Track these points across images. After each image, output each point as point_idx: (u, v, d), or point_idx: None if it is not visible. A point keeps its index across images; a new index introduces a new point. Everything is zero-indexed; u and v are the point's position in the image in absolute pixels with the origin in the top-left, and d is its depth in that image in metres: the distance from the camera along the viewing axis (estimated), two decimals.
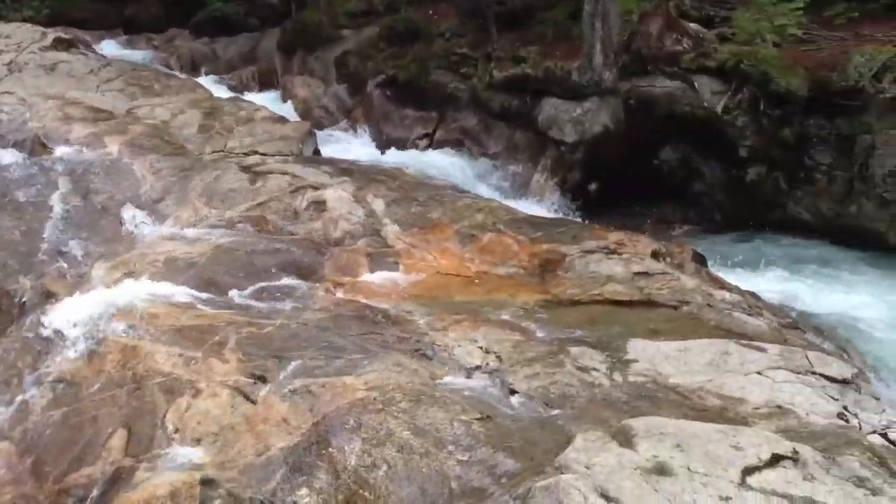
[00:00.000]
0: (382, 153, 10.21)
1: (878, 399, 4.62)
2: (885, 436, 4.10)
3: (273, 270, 5.97)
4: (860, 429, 4.08)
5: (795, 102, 8.36)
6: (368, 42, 11.76)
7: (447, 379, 4.42)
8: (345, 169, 8.48)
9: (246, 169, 8.06)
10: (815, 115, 8.41)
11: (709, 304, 5.73)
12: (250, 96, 11.70)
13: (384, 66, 11.12)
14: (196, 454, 3.77)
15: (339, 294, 5.74)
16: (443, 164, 9.59)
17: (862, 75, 8.01)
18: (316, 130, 10.23)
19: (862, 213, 8.16)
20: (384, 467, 3.54)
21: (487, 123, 9.95)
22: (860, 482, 3.44)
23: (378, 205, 7.46)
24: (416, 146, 10.39)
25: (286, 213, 7.22)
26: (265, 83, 13.30)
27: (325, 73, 12.24)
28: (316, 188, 7.59)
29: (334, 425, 3.78)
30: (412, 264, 6.41)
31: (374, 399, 3.95)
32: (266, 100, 11.70)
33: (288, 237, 6.77)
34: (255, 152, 8.69)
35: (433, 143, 10.37)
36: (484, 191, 8.97)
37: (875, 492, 3.39)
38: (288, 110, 11.66)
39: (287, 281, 5.86)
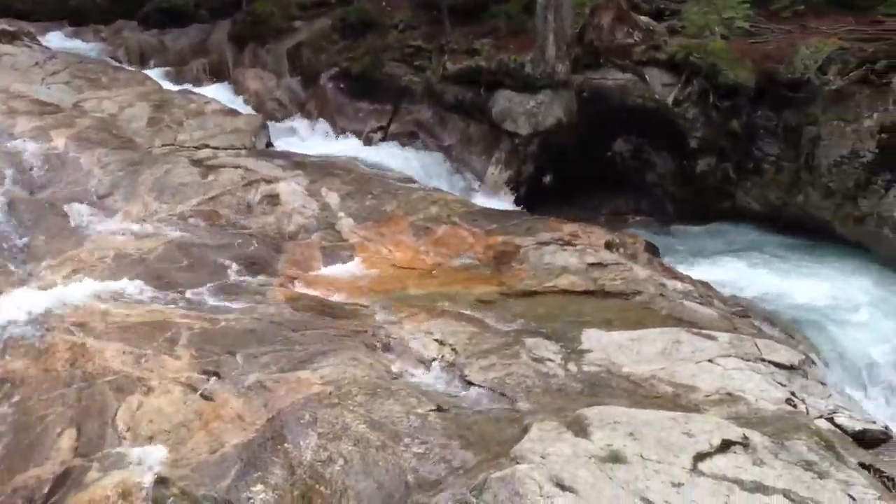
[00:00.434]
0: (336, 146, 10.14)
1: (824, 384, 4.74)
2: (831, 420, 4.21)
3: (226, 265, 5.90)
4: (808, 413, 4.18)
5: (744, 94, 8.49)
6: (321, 34, 11.67)
7: (403, 372, 4.42)
8: (298, 162, 8.42)
9: (197, 163, 7.94)
10: (762, 106, 8.55)
11: (661, 294, 5.81)
12: (201, 89, 11.52)
13: (337, 59, 11.03)
14: (148, 453, 3.71)
15: (294, 288, 5.70)
16: (397, 156, 9.57)
17: (808, 67, 8.16)
18: (269, 123, 10.13)
19: (808, 202, 8.33)
20: (340, 462, 3.52)
21: (442, 116, 9.93)
22: (808, 466, 3.52)
23: (332, 198, 7.41)
24: (370, 139, 10.33)
25: (239, 207, 7.14)
26: (216, 75, 13.10)
27: (278, 66, 12.11)
28: (269, 182, 7.52)
29: (289, 420, 3.75)
30: (367, 258, 6.39)
31: (330, 393, 3.93)
32: (217, 92, 11.55)
33: (241, 232, 6.70)
34: (207, 146, 8.57)
35: (387, 136, 10.33)
36: (438, 183, 8.97)
37: (822, 475, 3.47)
38: (240, 103, 11.52)
39: (240, 276, 5.80)
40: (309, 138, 10.49)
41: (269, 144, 9.53)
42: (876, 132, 7.71)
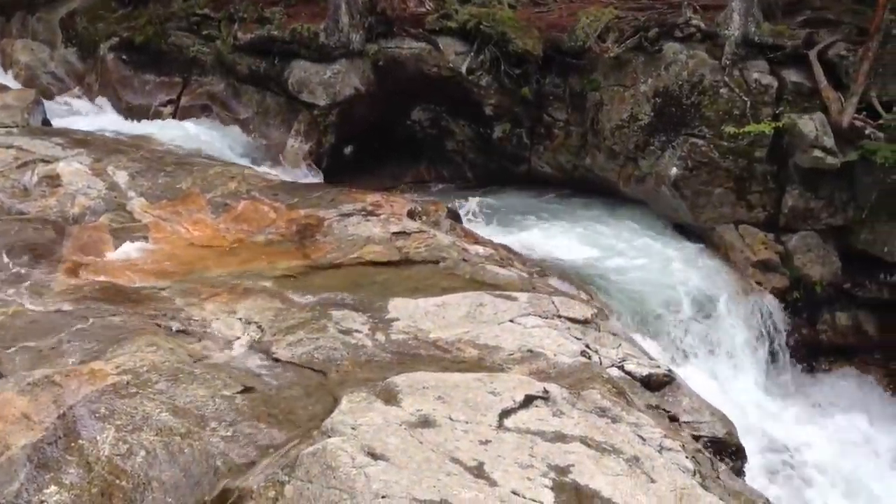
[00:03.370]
0: (124, 122, 9.54)
1: (615, 335, 5.06)
2: (621, 368, 4.52)
3: (1, 254, 5.41)
4: (601, 364, 4.46)
5: (532, 62, 8.81)
6: (97, 1, 10.87)
7: (207, 354, 4.26)
8: (80, 140, 7.85)
9: None
10: (550, 73, 8.91)
11: (464, 259, 5.96)
12: None
13: (117, 28, 10.31)
14: None
15: (82, 275, 5.32)
16: (190, 131, 9.12)
17: (588, 36, 8.60)
18: (44, 99, 9.36)
19: (595, 164, 8.81)
20: (142, 453, 3.36)
21: (236, 88, 9.57)
22: (602, 412, 3.76)
23: (120, 177, 6.99)
24: (159, 113, 9.79)
25: (14, 190, 6.56)
26: None
27: (51, 36, 11.16)
28: (47, 162, 6.96)
29: (83, 415, 3.52)
30: (162, 238, 6.10)
31: (127, 383, 3.74)
32: None
33: (18, 217, 6.17)
34: None
35: (179, 110, 9.82)
36: (236, 158, 8.68)
37: (615, 419, 3.72)
38: (9, 79, 10.54)
39: (19, 265, 5.35)
40: (91, 114, 9.80)
41: (47, 122, 8.81)
42: (651, 96, 8.26)
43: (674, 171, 8.13)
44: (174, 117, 9.64)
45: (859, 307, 8.02)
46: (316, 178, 8.74)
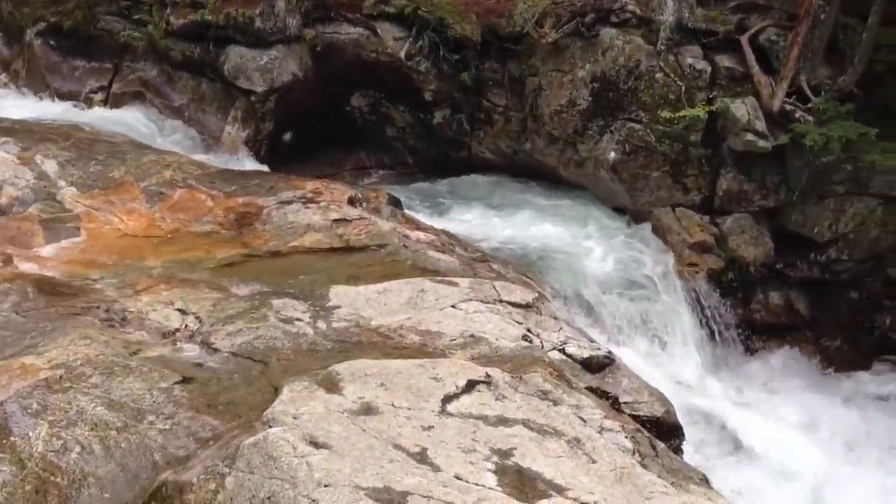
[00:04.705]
0: (52, 109, 9.25)
1: (556, 318, 5.12)
2: (562, 351, 4.57)
3: None
4: (542, 347, 4.50)
5: (471, 47, 8.81)
6: None
7: (143, 346, 4.18)
8: (6, 128, 7.59)
9: None
10: (489, 59, 8.94)
11: (405, 246, 5.95)
12: None
13: (45, 13, 9.97)
14: None
15: (10, 268, 5.16)
16: (123, 118, 8.89)
17: (526, 21, 8.63)
18: None
19: (535, 149, 8.87)
20: (77, 449, 3.28)
21: (170, 74, 9.35)
22: (544, 395, 3.80)
23: (50, 166, 6.78)
24: (90, 101, 9.52)
25: None
26: None
27: None
28: None
29: (14, 411, 3.42)
30: (95, 228, 5.94)
31: (60, 377, 3.64)
32: None
33: None
34: None
35: (110, 97, 9.56)
36: (171, 145, 8.49)
37: (556, 402, 3.76)
38: None
39: None
40: (18, 101, 9.48)
41: None
42: (589, 81, 8.33)
43: (612, 155, 8.23)
44: (105, 104, 9.38)
45: (791, 287, 8.26)
46: (254, 166, 8.61)
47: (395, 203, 7.34)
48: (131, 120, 8.86)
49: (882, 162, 7.92)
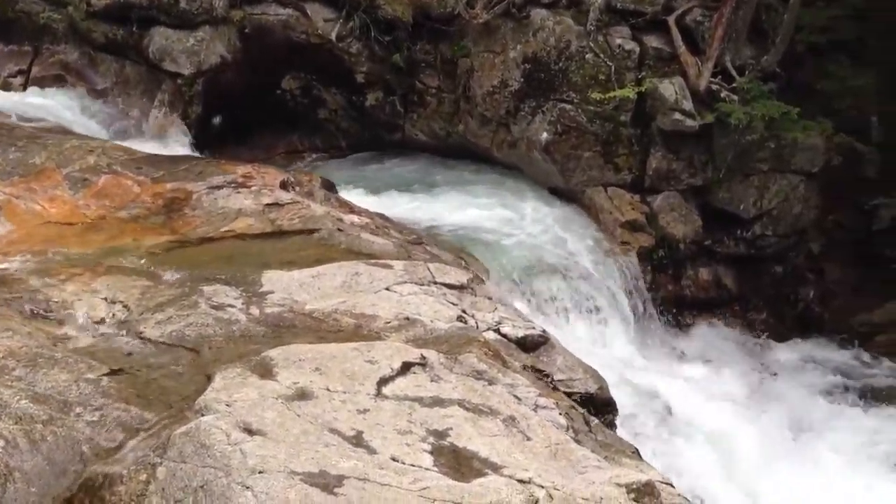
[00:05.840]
0: None
1: (490, 299, 5.14)
2: (497, 331, 4.60)
3: None
4: (477, 328, 4.53)
5: (402, 28, 8.77)
6: None
7: (69, 337, 4.07)
8: None
9: None
10: (420, 40, 8.91)
11: (339, 229, 5.90)
12: None
13: None
14: None
15: None
16: (44, 103, 8.60)
17: (457, 2, 8.61)
18: None
19: (469, 130, 8.89)
20: (1, 443, 3.17)
21: (92, 57, 9.08)
22: (479, 375, 3.82)
23: None
24: (9, 85, 9.18)
25: None
26: None
27: None
28: None
29: None
30: (16, 217, 5.74)
31: None
32: None
33: None
34: None
35: (30, 81, 9.24)
36: (94, 131, 8.25)
37: (492, 381, 3.79)
38: None
39: None
40: None
41: None
42: (520, 62, 8.37)
43: (544, 135, 8.29)
44: (25, 89, 9.06)
45: (719, 262, 8.49)
46: (183, 151, 8.43)
47: (329, 187, 7.27)
48: (53, 105, 8.58)
49: (803, 140, 8.17)
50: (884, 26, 8.56)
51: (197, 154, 8.29)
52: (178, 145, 8.53)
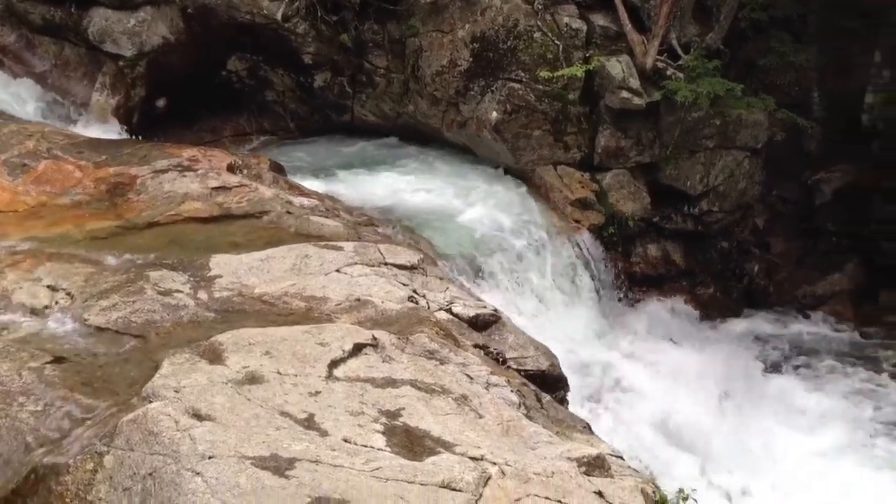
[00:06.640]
0: None
1: (441, 279, 5.15)
2: (449, 310, 4.61)
3: None
4: (428, 308, 4.52)
5: (349, 8, 8.66)
6: None
7: (10, 326, 3.97)
8: None
9: None
10: (368, 20, 8.80)
11: (288, 212, 5.85)
12: None
13: None
14: None
15: None
16: None
17: None
18: None
19: (418, 110, 8.83)
20: None
21: (29, 39, 8.81)
22: (431, 355, 3.83)
23: None
24: None
25: None
26: None
27: None
28: None
29: None
30: None
31: None
32: None
33: None
34: None
35: None
36: (33, 115, 8.03)
37: (443, 361, 3.80)
38: None
39: None
40: None
41: None
42: (469, 42, 8.34)
43: (494, 115, 8.28)
44: None
45: (667, 238, 8.61)
46: (126, 134, 8.26)
47: (278, 169, 7.19)
48: None
49: (747, 116, 8.30)
50: (824, 3, 8.72)
51: (140, 138, 8.13)
52: (121, 129, 8.36)
